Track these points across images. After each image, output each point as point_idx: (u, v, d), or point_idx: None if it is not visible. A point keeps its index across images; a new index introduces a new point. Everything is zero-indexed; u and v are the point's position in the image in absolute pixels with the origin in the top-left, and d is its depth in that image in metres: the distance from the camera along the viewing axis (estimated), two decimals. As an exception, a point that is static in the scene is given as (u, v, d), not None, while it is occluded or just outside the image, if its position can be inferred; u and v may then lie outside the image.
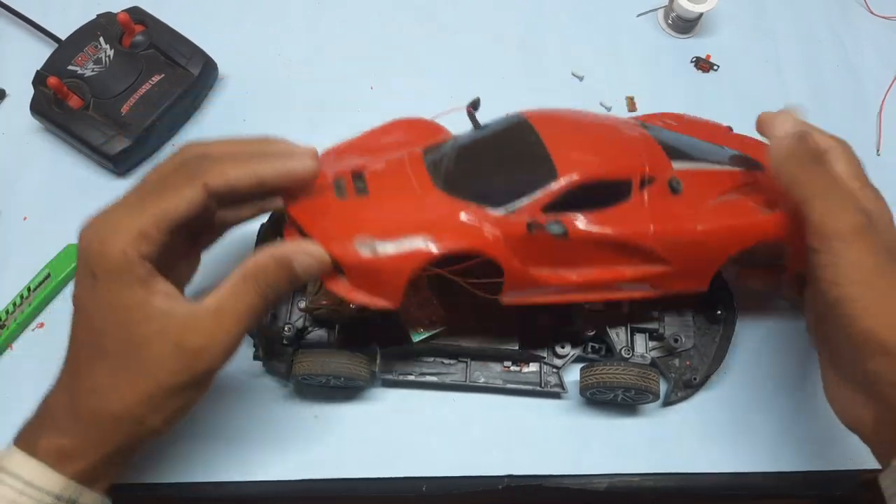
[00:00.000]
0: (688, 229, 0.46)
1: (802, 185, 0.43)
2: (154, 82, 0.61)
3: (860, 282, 0.40)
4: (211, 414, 0.54)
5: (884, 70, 0.70)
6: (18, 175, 0.62)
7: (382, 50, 0.68)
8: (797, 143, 0.44)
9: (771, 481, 0.54)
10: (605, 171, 0.45)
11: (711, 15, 0.71)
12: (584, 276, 0.46)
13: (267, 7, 0.70)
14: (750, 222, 0.46)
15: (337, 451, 0.53)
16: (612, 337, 0.52)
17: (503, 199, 0.44)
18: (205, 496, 0.52)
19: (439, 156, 0.47)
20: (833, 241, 0.41)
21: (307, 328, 0.53)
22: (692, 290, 0.49)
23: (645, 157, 0.46)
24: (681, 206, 0.46)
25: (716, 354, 0.54)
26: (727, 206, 0.47)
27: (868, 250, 0.41)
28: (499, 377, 0.54)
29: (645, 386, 0.50)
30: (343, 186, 0.46)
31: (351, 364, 0.50)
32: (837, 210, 0.41)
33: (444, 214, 0.44)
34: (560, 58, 0.69)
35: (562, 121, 0.49)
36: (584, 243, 0.45)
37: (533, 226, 0.44)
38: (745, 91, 0.68)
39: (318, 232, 0.43)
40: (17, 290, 0.56)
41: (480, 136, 0.48)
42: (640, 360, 0.52)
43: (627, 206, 0.45)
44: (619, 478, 0.53)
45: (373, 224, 0.43)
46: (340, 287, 0.44)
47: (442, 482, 0.53)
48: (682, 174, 0.47)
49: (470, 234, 0.43)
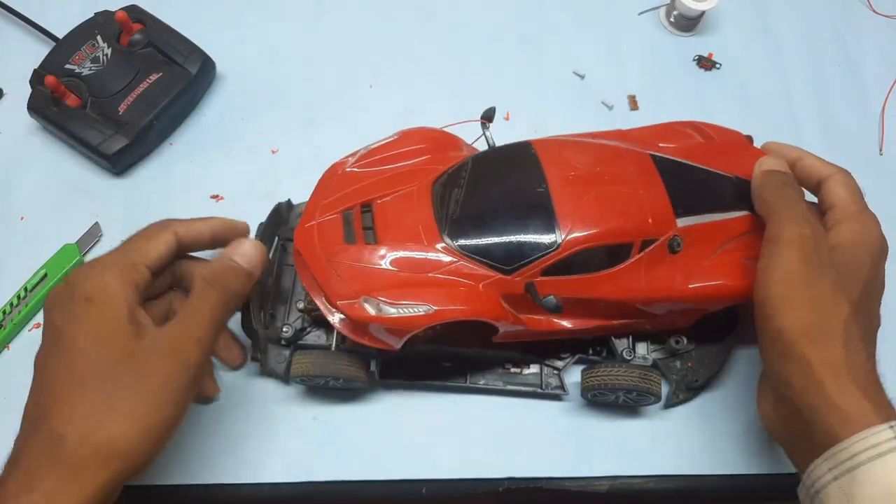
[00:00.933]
0: (678, 288, 0.48)
1: (769, 204, 0.47)
2: (152, 81, 0.60)
3: (784, 284, 0.43)
4: (210, 416, 0.53)
5: (886, 69, 0.70)
6: (15, 174, 0.61)
7: (382, 48, 0.68)
8: (770, 175, 0.49)
9: (771, 482, 0.53)
10: (608, 237, 0.46)
11: (713, 13, 0.70)
12: (576, 323, 0.49)
13: (266, 6, 0.69)
14: (737, 285, 0.48)
15: (336, 454, 0.53)
16: (614, 339, 0.52)
17: (505, 261, 0.46)
18: (204, 498, 0.52)
19: (447, 191, 0.48)
20: (774, 245, 0.44)
21: (305, 329, 0.53)
22: (675, 328, 0.52)
23: (650, 216, 0.47)
24: (677, 265, 0.48)
25: (717, 357, 0.54)
26: (720, 264, 0.49)
27: (801, 259, 0.43)
28: (499, 379, 0.54)
29: (647, 388, 0.50)
30: (351, 223, 0.48)
31: (350, 365, 0.50)
32: (787, 220, 0.44)
33: (446, 281, 0.46)
34: (561, 57, 0.68)
35: (574, 168, 0.48)
36: (578, 303, 0.47)
37: (530, 290, 0.45)
38: (747, 89, 0.68)
39: (326, 283, 0.47)
40: (15, 290, 0.56)
41: (488, 176, 0.49)
42: (642, 362, 0.52)
43: (625, 268, 0.47)
44: (619, 480, 0.53)
45: (378, 284, 0.46)
46: (343, 326, 0.47)
47: (442, 485, 0.53)
48: (685, 231, 0.48)
49: (470, 301, 0.45)
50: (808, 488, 0.41)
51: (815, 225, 0.45)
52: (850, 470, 0.39)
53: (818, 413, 0.41)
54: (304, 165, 0.58)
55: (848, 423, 0.40)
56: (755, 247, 0.48)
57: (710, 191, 0.50)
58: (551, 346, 0.53)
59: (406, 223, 0.48)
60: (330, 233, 0.48)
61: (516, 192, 0.47)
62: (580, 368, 0.53)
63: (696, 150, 0.53)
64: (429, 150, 0.52)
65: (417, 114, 0.58)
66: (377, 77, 0.67)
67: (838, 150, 0.65)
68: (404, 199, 0.49)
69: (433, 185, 0.49)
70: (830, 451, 0.40)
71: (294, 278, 0.54)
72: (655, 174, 0.49)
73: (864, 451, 0.39)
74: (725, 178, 0.51)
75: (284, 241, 0.55)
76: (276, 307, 0.53)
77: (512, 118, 0.64)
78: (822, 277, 0.43)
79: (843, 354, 0.41)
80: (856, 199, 0.48)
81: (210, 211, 0.60)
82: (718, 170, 0.51)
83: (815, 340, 0.42)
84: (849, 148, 0.66)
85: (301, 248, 0.48)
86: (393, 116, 0.63)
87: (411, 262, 0.46)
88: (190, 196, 0.61)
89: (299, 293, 0.53)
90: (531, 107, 0.65)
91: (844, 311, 0.42)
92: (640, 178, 0.48)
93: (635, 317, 0.49)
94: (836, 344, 0.41)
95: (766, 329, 0.44)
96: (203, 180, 0.61)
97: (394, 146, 0.52)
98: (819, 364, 0.41)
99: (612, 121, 0.65)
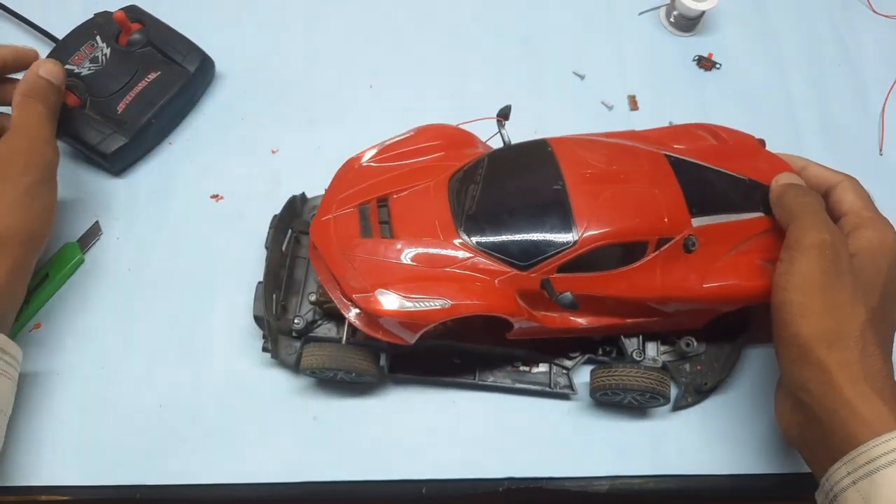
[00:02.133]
0: (692, 288, 0.48)
1: (791, 211, 0.47)
2: (150, 80, 0.60)
3: (803, 289, 0.43)
4: (210, 416, 0.53)
5: (886, 69, 0.70)
6: (15, 174, 0.61)
7: (382, 48, 0.68)
8: (790, 185, 0.49)
9: (772, 483, 0.53)
10: (624, 236, 0.46)
11: (713, 13, 0.70)
12: (590, 321, 0.49)
13: (266, 6, 0.69)
14: (751, 285, 0.48)
15: (336, 454, 0.53)
16: (624, 340, 0.52)
17: (521, 258, 0.46)
18: (204, 498, 0.52)
19: (463, 187, 0.48)
20: (794, 250, 0.44)
21: (317, 321, 0.53)
22: (686, 328, 0.52)
23: (666, 215, 0.47)
24: (692, 264, 0.48)
25: (727, 361, 0.54)
26: (735, 264, 0.48)
27: (820, 266, 0.43)
28: (508, 377, 0.54)
29: (660, 390, 0.50)
30: (368, 217, 0.48)
31: (361, 359, 0.50)
32: (807, 227, 0.45)
33: (462, 276, 0.46)
34: (561, 57, 0.68)
35: (591, 167, 0.48)
36: (593, 300, 0.47)
37: (546, 287, 0.45)
38: (747, 90, 0.68)
39: (342, 277, 0.47)
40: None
41: (505, 173, 0.49)
42: (652, 364, 0.52)
43: (640, 266, 0.47)
44: (620, 479, 0.53)
45: (394, 277, 0.46)
46: (358, 320, 0.47)
47: (442, 484, 0.52)
48: (700, 230, 0.48)
49: (486, 297, 0.46)
50: (827, 493, 0.41)
51: (836, 231, 0.45)
52: (868, 474, 0.39)
53: (836, 417, 0.41)
54: (304, 165, 0.58)
55: (866, 427, 0.40)
56: (769, 248, 0.49)
57: (724, 192, 0.50)
58: (561, 345, 0.53)
59: (422, 218, 0.48)
60: (346, 226, 0.48)
61: (533, 189, 0.47)
62: (588, 369, 0.53)
63: (710, 152, 0.53)
64: (444, 146, 0.52)
65: (417, 114, 0.58)
66: (377, 77, 0.67)
67: (838, 151, 0.65)
68: (421, 195, 0.49)
69: (449, 181, 0.49)
70: (849, 455, 0.40)
71: (307, 271, 0.54)
72: (671, 174, 0.49)
73: (883, 455, 0.39)
74: (739, 179, 0.51)
75: (298, 233, 0.55)
76: (288, 299, 0.54)
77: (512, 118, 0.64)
78: (840, 283, 0.43)
79: (860, 359, 0.42)
80: (867, 205, 0.48)
81: (210, 211, 0.60)
82: (732, 171, 0.51)
83: (833, 346, 0.42)
84: (849, 148, 0.66)
85: (317, 241, 0.49)
86: (393, 116, 0.63)
87: (427, 257, 0.46)
88: (189, 196, 0.61)
89: (312, 286, 0.53)
90: (531, 107, 0.65)
91: (862, 317, 0.43)
92: (655, 178, 0.48)
93: (649, 316, 0.49)
94: (853, 349, 0.42)
95: (783, 334, 0.44)
96: (203, 180, 0.61)
97: (410, 142, 0.53)
98: (836, 369, 0.41)
99: (612, 121, 0.65)
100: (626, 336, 0.52)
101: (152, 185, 0.61)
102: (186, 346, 0.55)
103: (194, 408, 0.53)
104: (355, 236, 0.48)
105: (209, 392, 0.54)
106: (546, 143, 0.50)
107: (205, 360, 0.55)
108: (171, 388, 0.54)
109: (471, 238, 0.46)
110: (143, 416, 0.53)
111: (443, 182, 0.49)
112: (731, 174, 0.51)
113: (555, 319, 0.49)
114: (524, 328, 0.48)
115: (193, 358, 0.55)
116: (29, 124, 0.52)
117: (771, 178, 0.51)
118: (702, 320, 0.51)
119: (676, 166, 0.49)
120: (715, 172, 0.51)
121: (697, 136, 0.55)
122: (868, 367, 0.42)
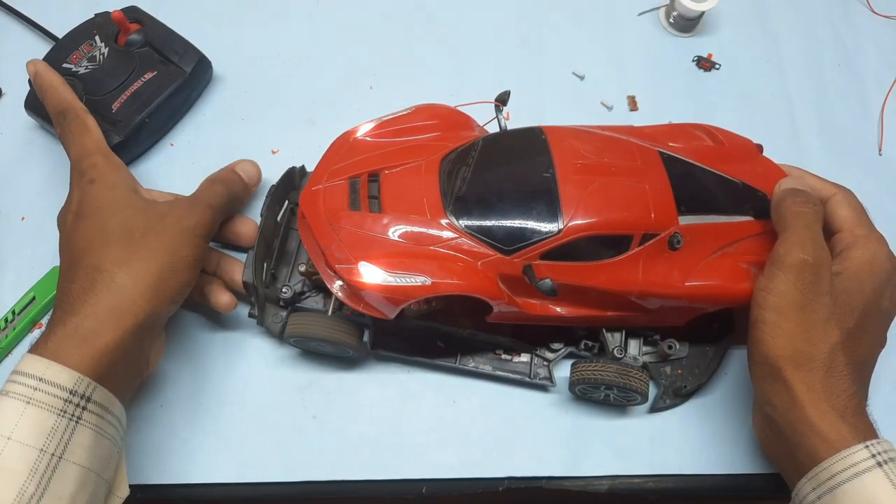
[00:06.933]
0: (674, 285, 0.48)
1: (784, 221, 0.47)
2: (145, 80, 0.60)
3: (777, 309, 0.44)
4: (210, 416, 0.53)
5: (886, 69, 0.70)
6: (16, 174, 0.62)
7: (382, 48, 0.68)
8: (790, 191, 0.48)
9: (772, 482, 0.53)
10: (609, 227, 0.46)
11: (713, 14, 0.70)
12: (570, 311, 0.49)
13: (267, 6, 0.69)
14: (733, 287, 0.48)
15: (336, 453, 0.53)
16: (607, 336, 0.52)
17: (506, 242, 0.46)
18: (204, 498, 0.52)
19: (455, 168, 0.48)
20: (775, 266, 0.45)
21: (305, 292, 0.53)
22: (668, 325, 0.52)
23: (653, 211, 0.47)
24: (675, 261, 0.48)
25: (709, 365, 0.54)
26: (719, 265, 0.49)
27: (798, 287, 0.44)
28: (489, 363, 0.54)
29: (629, 384, 0.49)
30: (357, 191, 0.48)
31: (343, 331, 0.50)
32: (793, 244, 0.45)
33: (445, 256, 0.46)
34: (560, 57, 0.68)
35: (583, 157, 0.48)
36: (573, 289, 0.47)
37: (528, 272, 0.45)
38: (746, 90, 0.68)
39: (327, 247, 0.47)
40: (14, 292, 0.56)
41: (497, 157, 0.49)
42: (632, 362, 0.52)
43: (623, 259, 0.47)
44: (619, 479, 0.53)
45: (378, 252, 0.45)
46: (341, 292, 0.47)
47: (441, 484, 0.53)
48: (686, 229, 0.48)
49: (467, 277, 0.46)
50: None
51: (820, 250, 0.45)
52: (831, 489, 0.41)
53: (799, 434, 0.43)
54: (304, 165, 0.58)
55: (826, 444, 0.42)
56: (755, 252, 0.49)
57: (715, 193, 0.50)
58: (543, 337, 0.53)
59: (411, 196, 0.48)
60: (335, 198, 0.48)
61: (523, 175, 0.48)
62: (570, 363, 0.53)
63: (705, 152, 0.53)
64: (441, 126, 0.53)
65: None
66: (377, 77, 0.67)
67: (838, 151, 0.65)
68: (412, 173, 0.49)
69: (442, 162, 0.49)
70: (812, 471, 0.42)
71: (300, 243, 0.54)
72: (662, 171, 0.49)
73: (843, 471, 0.41)
74: (732, 182, 0.51)
75: (294, 205, 0.55)
76: (279, 268, 0.54)
77: (512, 118, 0.64)
78: (816, 304, 0.44)
79: (824, 379, 0.43)
80: (861, 220, 0.49)
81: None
82: (725, 174, 0.51)
83: (800, 367, 0.43)
84: (848, 148, 0.66)
85: (305, 210, 0.49)
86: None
87: (413, 235, 0.47)
88: (190, 196, 0.61)
89: (303, 257, 0.53)
90: (531, 107, 0.65)
91: (833, 339, 0.44)
92: (646, 173, 0.48)
93: (629, 310, 0.49)
94: (818, 370, 0.43)
95: (754, 351, 0.45)
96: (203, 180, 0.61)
97: (407, 119, 0.53)
98: (801, 388, 0.43)
99: (611, 121, 0.65)
100: (609, 331, 0.52)
101: (153, 185, 0.61)
102: (187, 345, 0.55)
103: (192, 405, 0.54)
104: (343, 208, 0.48)
105: (209, 390, 0.54)
106: (540, 130, 0.50)
107: (205, 355, 0.55)
108: (172, 387, 0.54)
109: (458, 219, 0.47)
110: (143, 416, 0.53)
111: (435, 162, 0.49)
112: (723, 176, 0.51)
113: (535, 306, 0.49)
114: (504, 312, 0.48)
115: (194, 357, 0.55)
116: (200, 197, 0.51)
117: (765, 183, 0.51)
118: (684, 318, 0.51)
119: (669, 163, 0.50)
120: (707, 173, 0.51)
121: (694, 135, 0.55)
122: (832, 387, 0.43)
